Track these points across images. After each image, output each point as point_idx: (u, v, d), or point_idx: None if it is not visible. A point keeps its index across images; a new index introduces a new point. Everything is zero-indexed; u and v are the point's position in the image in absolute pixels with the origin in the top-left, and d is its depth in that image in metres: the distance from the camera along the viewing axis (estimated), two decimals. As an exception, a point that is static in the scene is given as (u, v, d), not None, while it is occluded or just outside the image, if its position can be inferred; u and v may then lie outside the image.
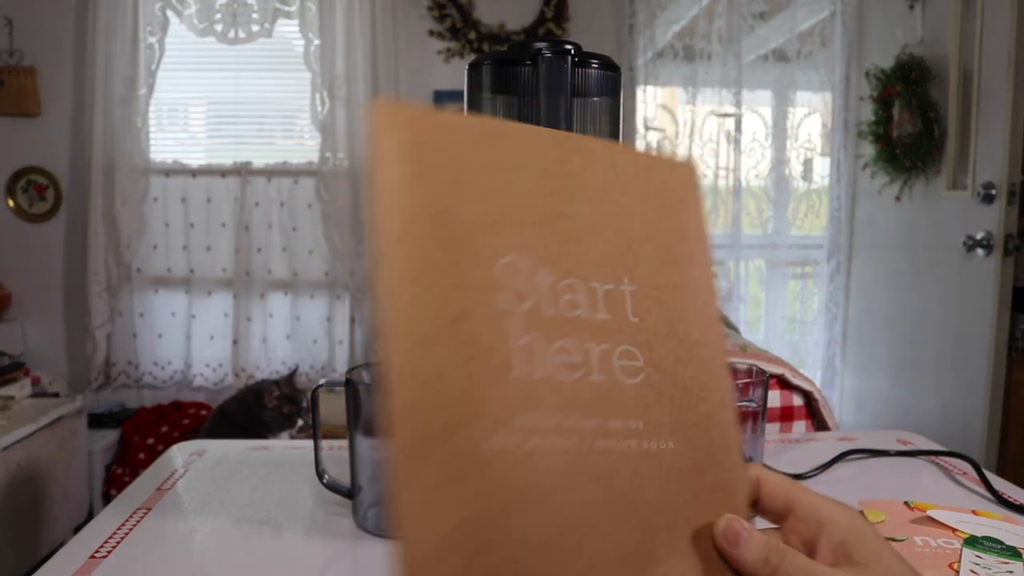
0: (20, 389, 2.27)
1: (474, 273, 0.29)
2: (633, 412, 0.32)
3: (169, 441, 2.50)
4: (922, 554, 0.56)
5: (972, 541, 0.58)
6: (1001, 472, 1.62)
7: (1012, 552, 0.57)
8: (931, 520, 0.62)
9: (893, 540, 0.58)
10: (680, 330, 0.36)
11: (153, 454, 2.46)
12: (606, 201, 0.35)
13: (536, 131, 0.34)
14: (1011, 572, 0.54)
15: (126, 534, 0.63)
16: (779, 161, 2.86)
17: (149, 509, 0.68)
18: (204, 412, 2.67)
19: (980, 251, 2.06)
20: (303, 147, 2.81)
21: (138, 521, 0.65)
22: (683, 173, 0.40)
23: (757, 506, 0.35)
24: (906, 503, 0.66)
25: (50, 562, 0.58)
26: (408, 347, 0.27)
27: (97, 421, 2.57)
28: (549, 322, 0.31)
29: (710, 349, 0.37)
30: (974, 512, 0.65)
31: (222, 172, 2.75)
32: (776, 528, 0.35)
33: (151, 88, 2.66)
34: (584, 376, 0.31)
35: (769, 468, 0.36)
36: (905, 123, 2.40)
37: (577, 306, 0.32)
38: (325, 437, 0.70)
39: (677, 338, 0.35)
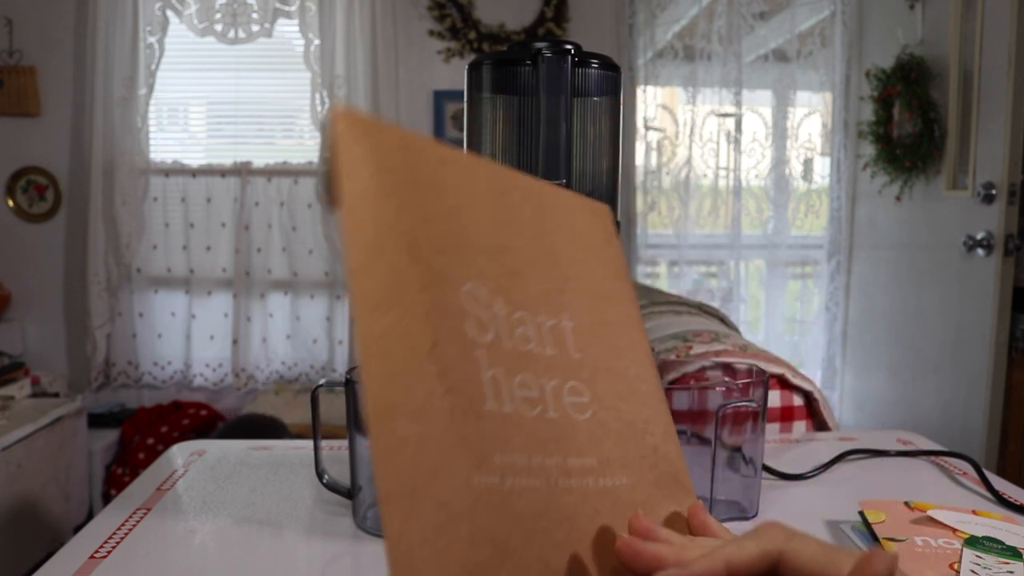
0: (20, 389, 2.27)
1: (444, 298, 0.28)
2: (587, 449, 0.32)
3: (169, 441, 2.50)
4: (922, 554, 0.56)
5: (972, 541, 0.58)
6: (1001, 472, 1.62)
7: (1012, 552, 0.57)
8: (931, 520, 0.62)
9: (893, 540, 0.58)
10: (619, 365, 0.35)
11: (153, 454, 2.46)
12: (541, 238, 0.35)
13: (479, 161, 0.34)
14: (1011, 572, 0.54)
15: (126, 534, 0.62)
16: (779, 161, 2.86)
17: (149, 509, 0.68)
18: (204, 412, 2.67)
19: (980, 251, 2.05)
20: (303, 147, 2.81)
21: (138, 521, 0.65)
22: (601, 214, 0.41)
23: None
24: (906, 503, 0.66)
25: (50, 562, 0.58)
26: (389, 378, 0.25)
27: (97, 421, 2.57)
28: (508, 355, 0.30)
29: (648, 384, 0.37)
30: (974, 512, 0.65)
31: (222, 172, 2.75)
32: None
33: (151, 88, 2.66)
34: (542, 413, 0.30)
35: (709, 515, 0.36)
36: (905, 123, 2.40)
37: (528, 340, 0.31)
38: (325, 437, 0.70)
39: (617, 373, 0.35)
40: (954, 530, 0.60)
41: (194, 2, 2.66)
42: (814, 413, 1.00)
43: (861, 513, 0.64)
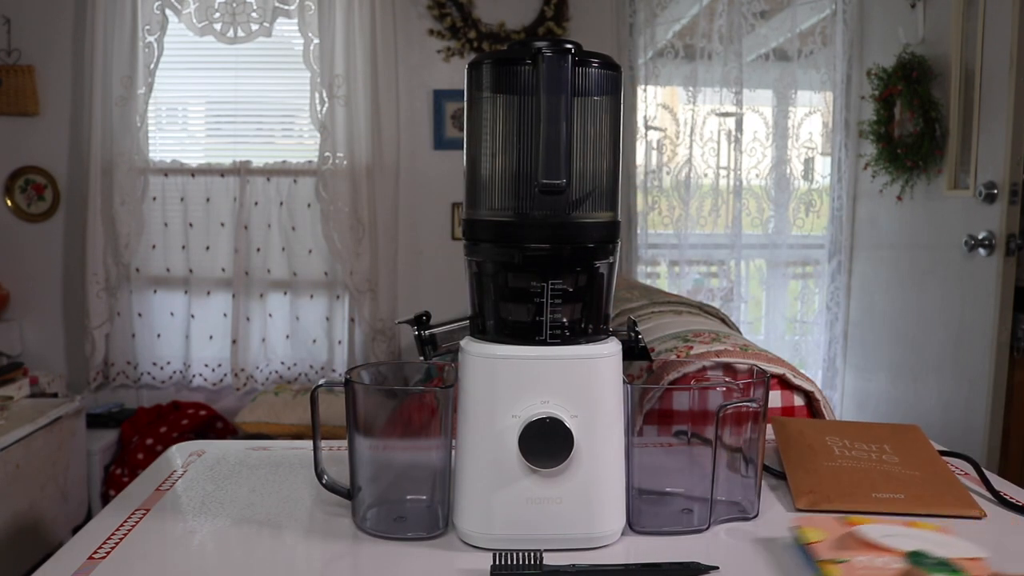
0: (18, 389, 2.26)
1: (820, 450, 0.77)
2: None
3: (168, 441, 2.49)
4: (865, 575, 0.54)
5: (914, 556, 0.56)
6: (1003, 472, 1.61)
7: (947, 568, 0.54)
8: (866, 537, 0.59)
9: (836, 562, 0.55)
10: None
11: (152, 454, 2.46)
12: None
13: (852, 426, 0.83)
14: None
15: (125, 535, 0.62)
16: (780, 160, 2.85)
17: (148, 510, 0.68)
18: (203, 412, 2.67)
19: (982, 251, 2.05)
20: (302, 146, 2.81)
21: (137, 522, 0.65)
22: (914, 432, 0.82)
23: None
24: (843, 518, 0.62)
25: (48, 563, 0.57)
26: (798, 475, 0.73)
27: (96, 421, 2.57)
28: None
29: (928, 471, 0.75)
30: (908, 524, 0.62)
31: (221, 172, 2.74)
32: None
33: (150, 87, 2.65)
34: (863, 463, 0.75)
35: None
36: (906, 122, 2.40)
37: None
38: (325, 437, 0.70)
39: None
40: (890, 548, 0.57)
41: (193, 1, 2.65)
42: (815, 413, 1.00)
43: (797, 531, 0.61)
